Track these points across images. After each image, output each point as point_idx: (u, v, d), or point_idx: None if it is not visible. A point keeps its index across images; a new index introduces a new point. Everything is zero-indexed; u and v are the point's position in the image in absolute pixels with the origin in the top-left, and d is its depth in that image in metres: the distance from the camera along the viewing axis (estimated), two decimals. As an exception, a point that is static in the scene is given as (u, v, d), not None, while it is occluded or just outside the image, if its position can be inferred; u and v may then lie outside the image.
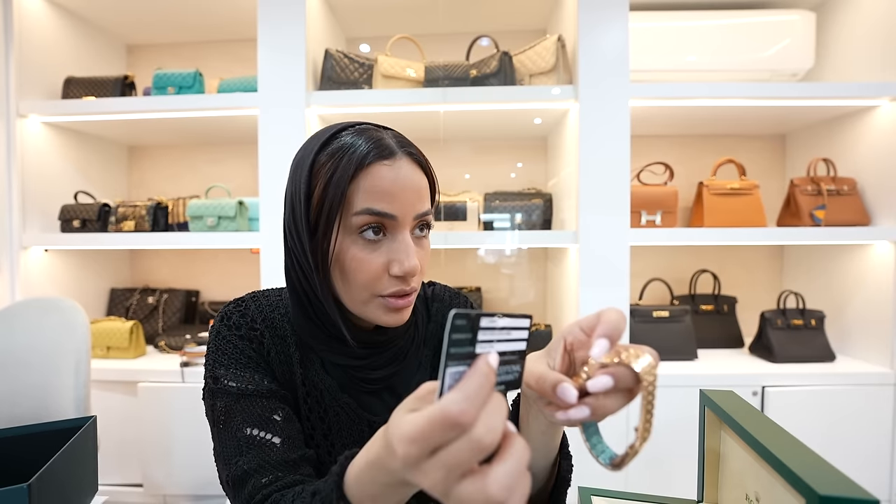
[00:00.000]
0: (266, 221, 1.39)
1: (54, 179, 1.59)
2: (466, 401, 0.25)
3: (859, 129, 1.46)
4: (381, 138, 0.50)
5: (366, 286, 0.49)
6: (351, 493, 0.35)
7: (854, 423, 1.31)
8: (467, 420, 0.25)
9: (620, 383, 0.32)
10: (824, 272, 1.59)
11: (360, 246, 0.48)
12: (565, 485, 0.47)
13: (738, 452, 0.44)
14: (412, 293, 0.51)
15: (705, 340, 1.59)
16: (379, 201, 0.47)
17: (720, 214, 1.43)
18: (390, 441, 0.28)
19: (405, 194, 0.48)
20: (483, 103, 1.40)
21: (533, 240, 1.43)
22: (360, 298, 0.50)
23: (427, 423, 0.25)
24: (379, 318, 0.51)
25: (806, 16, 1.46)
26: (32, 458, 0.77)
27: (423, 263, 0.52)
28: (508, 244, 1.62)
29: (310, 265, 0.50)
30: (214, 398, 0.51)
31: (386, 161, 0.48)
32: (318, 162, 0.49)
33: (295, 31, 1.38)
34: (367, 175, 0.47)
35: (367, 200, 0.47)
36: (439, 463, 0.26)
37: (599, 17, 1.32)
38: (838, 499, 0.28)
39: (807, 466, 0.32)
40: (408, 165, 0.50)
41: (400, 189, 0.48)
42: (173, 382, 1.39)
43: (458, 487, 0.25)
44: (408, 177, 0.49)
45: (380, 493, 0.33)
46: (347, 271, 0.49)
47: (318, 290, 0.50)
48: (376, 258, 0.49)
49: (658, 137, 1.77)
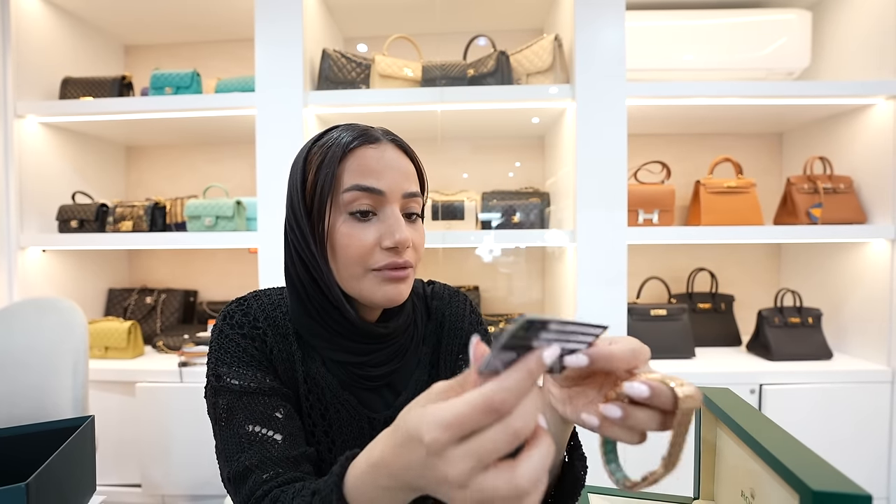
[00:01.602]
0: (264, 221, 1.39)
1: (52, 180, 1.59)
2: (509, 391, 0.25)
3: (855, 127, 1.46)
4: (368, 129, 0.54)
5: (358, 261, 0.51)
6: (350, 496, 0.35)
7: (851, 420, 1.32)
8: (507, 409, 0.25)
9: (656, 399, 0.31)
10: (821, 270, 1.60)
11: (352, 224, 0.51)
12: (579, 484, 0.45)
13: (734, 449, 0.44)
14: (407, 267, 0.52)
15: (703, 339, 1.59)
16: (366, 177, 0.51)
17: (717, 213, 1.43)
18: (414, 431, 0.27)
19: (391, 173, 0.52)
20: (480, 103, 1.40)
21: (531, 239, 1.43)
22: (355, 274, 0.52)
23: (467, 407, 0.25)
24: (375, 295, 0.52)
25: (802, 15, 1.47)
26: (30, 458, 0.77)
27: (417, 244, 0.54)
28: (506, 243, 1.63)
29: (311, 252, 0.52)
30: (217, 396, 0.52)
31: (371, 145, 0.52)
32: (311, 153, 0.54)
33: (292, 31, 1.37)
34: (354, 157, 0.51)
35: (355, 178, 0.51)
36: (469, 451, 0.25)
37: (596, 17, 1.33)
38: (832, 494, 0.28)
39: (801, 462, 0.32)
40: (393, 150, 0.53)
41: (386, 167, 0.52)
42: (171, 382, 1.39)
43: (483, 478, 0.25)
44: (393, 158, 0.53)
45: (378, 498, 0.33)
46: (340, 248, 0.51)
47: (323, 274, 0.52)
48: (367, 234, 0.51)
49: (655, 136, 1.78)
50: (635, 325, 1.45)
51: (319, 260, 0.52)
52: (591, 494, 0.56)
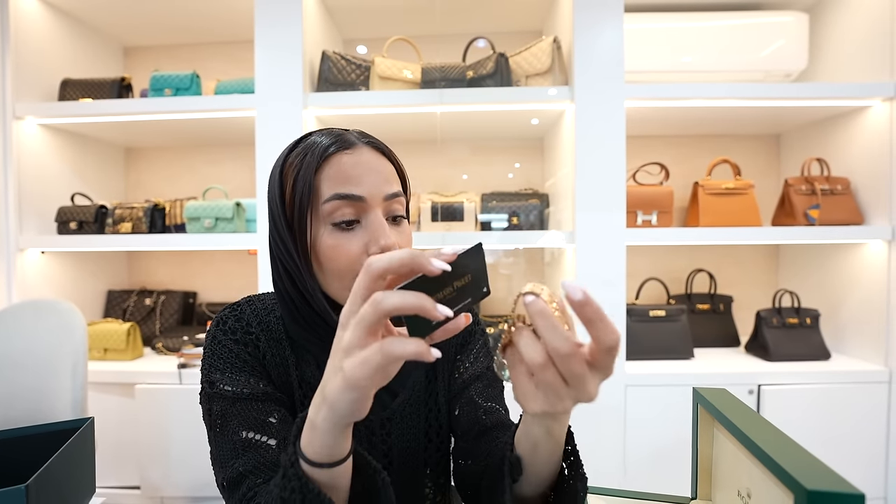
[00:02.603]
0: (263, 223, 1.39)
1: (51, 181, 1.59)
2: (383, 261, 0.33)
3: (852, 129, 1.47)
4: (343, 133, 0.53)
5: (347, 271, 0.50)
6: (303, 444, 0.37)
7: (849, 420, 1.32)
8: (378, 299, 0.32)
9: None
10: (819, 271, 1.61)
11: (336, 235, 0.50)
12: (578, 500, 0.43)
13: (731, 449, 0.45)
14: None
15: (702, 339, 1.60)
16: (345, 185, 0.50)
17: (715, 214, 1.44)
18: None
19: (369, 176, 0.51)
20: (479, 104, 1.41)
21: (530, 240, 1.44)
22: (345, 285, 0.51)
23: (349, 300, 0.34)
24: None
25: (799, 17, 1.47)
26: (30, 460, 0.77)
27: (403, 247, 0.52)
28: (506, 244, 1.63)
29: (295, 264, 0.51)
30: (211, 402, 0.51)
31: (347, 150, 0.51)
32: (287, 163, 0.53)
33: (292, 33, 1.38)
34: (330, 164, 0.50)
35: (333, 187, 0.50)
36: (354, 321, 0.33)
37: (594, 19, 1.33)
38: (825, 493, 0.29)
39: (795, 462, 0.32)
40: (369, 153, 0.52)
41: (363, 172, 0.50)
42: (171, 384, 1.39)
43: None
44: (370, 161, 0.52)
45: (320, 438, 0.35)
46: (326, 260, 0.50)
47: (307, 286, 0.51)
48: (352, 243, 0.50)
49: (653, 138, 1.78)
50: (634, 325, 1.46)
51: (304, 272, 0.51)
52: (590, 495, 0.56)
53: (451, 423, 0.62)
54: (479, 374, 0.63)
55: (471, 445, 0.57)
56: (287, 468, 0.36)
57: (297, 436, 0.38)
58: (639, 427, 1.33)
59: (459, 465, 0.58)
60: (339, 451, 0.36)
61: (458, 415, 0.60)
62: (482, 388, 0.62)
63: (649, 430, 1.32)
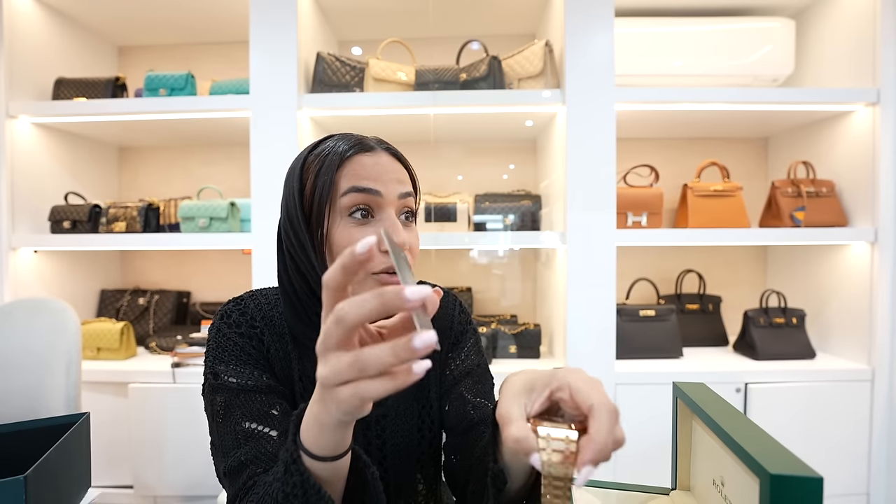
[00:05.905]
0: (258, 222, 1.40)
1: (44, 180, 1.59)
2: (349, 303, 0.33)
3: (837, 133, 1.50)
4: (363, 137, 0.56)
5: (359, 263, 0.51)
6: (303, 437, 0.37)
7: (833, 417, 1.35)
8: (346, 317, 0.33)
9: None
10: (805, 272, 1.64)
11: (350, 227, 0.52)
12: None
13: (707, 441, 0.47)
14: None
15: (691, 339, 1.62)
16: (363, 180, 0.53)
17: (704, 216, 1.47)
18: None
19: (387, 176, 0.54)
20: (473, 106, 1.43)
21: (522, 240, 1.46)
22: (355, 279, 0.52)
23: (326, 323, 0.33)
24: None
25: (786, 23, 1.50)
26: (25, 454, 0.77)
27: (413, 247, 0.55)
28: (498, 245, 1.65)
29: (308, 259, 0.53)
30: (214, 393, 0.53)
31: (367, 153, 0.54)
32: (308, 162, 0.56)
33: (287, 34, 1.39)
34: (350, 164, 0.53)
35: (352, 181, 0.52)
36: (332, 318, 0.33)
37: (586, 23, 1.35)
38: (787, 477, 0.31)
39: (763, 450, 0.34)
40: (387, 157, 0.55)
41: (382, 172, 0.54)
42: (164, 384, 1.39)
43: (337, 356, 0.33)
44: (388, 164, 0.55)
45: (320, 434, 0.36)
46: (339, 250, 0.52)
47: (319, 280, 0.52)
48: (366, 236, 0.51)
49: (643, 140, 1.81)
50: (624, 325, 1.48)
51: (318, 266, 0.52)
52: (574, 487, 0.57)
53: (442, 419, 0.63)
54: (469, 370, 0.65)
55: (459, 440, 0.58)
56: (289, 463, 0.37)
57: (297, 430, 0.38)
58: (628, 425, 1.35)
59: (451, 461, 0.59)
60: (343, 445, 0.38)
61: (447, 410, 0.62)
62: (472, 384, 0.63)
63: (638, 428, 1.34)
